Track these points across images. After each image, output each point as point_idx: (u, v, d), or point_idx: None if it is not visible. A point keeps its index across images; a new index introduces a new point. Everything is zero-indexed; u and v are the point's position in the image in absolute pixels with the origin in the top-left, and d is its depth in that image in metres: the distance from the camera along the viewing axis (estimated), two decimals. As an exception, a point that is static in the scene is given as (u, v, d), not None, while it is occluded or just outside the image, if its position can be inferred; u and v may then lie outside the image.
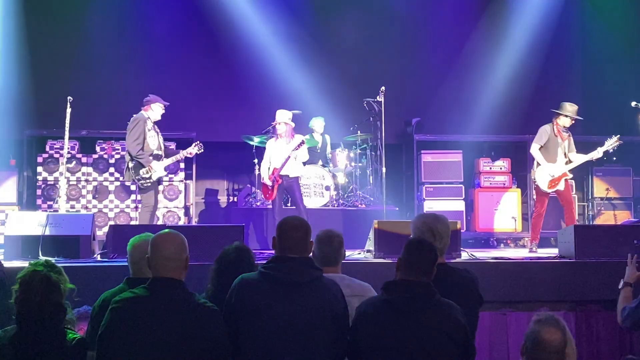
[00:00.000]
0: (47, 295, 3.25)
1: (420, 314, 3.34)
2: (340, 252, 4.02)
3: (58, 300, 3.28)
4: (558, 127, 8.10)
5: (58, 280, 3.31)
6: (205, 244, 5.55)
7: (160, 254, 3.34)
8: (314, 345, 3.33)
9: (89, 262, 6.21)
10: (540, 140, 8.15)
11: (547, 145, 8.13)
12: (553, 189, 8.09)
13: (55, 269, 3.36)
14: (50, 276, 3.29)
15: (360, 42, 10.89)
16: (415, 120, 10.94)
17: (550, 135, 8.12)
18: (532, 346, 3.25)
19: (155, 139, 8.00)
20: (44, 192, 9.62)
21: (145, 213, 7.87)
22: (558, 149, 8.13)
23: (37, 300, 3.22)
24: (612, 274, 5.93)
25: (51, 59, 10.06)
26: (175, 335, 3.20)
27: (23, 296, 3.26)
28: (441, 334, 3.33)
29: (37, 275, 3.28)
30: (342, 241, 4.06)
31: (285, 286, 3.36)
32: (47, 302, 3.24)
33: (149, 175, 7.77)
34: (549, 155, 8.12)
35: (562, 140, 8.13)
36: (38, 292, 3.24)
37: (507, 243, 10.21)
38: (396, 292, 3.39)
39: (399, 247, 3.62)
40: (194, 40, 10.67)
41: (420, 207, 10.11)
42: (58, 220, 6.50)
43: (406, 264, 3.43)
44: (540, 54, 10.89)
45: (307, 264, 3.45)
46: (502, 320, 5.97)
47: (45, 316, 3.24)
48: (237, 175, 11.18)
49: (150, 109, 7.95)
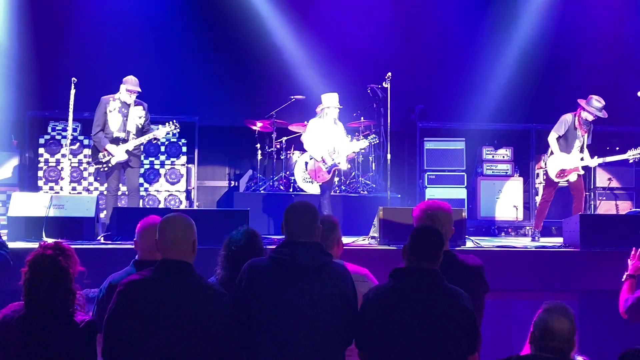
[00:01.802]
0: (56, 279, 3.21)
1: (428, 300, 3.35)
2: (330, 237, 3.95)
3: (67, 284, 3.24)
4: (580, 120, 7.86)
5: (67, 265, 3.27)
6: (210, 228, 5.51)
7: (169, 237, 3.34)
8: (324, 329, 3.33)
9: (93, 244, 6.20)
10: (559, 129, 7.94)
11: (565, 136, 7.94)
12: (562, 179, 8.02)
13: (65, 252, 3.31)
14: (60, 260, 3.24)
15: (365, 27, 10.82)
16: (418, 107, 10.90)
17: (570, 126, 7.91)
18: (540, 334, 3.25)
19: (119, 121, 7.76)
20: (46, 174, 9.60)
21: (109, 198, 7.79)
22: (576, 141, 7.94)
23: (46, 284, 3.18)
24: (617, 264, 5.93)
25: (54, 40, 9.99)
26: (183, 317, 3.21)
27: (32, 279, 3.22)
28: (449, 320, 3.34)
29: (47, 258, 3.23)
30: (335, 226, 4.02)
31: (295, 270, 3.36)
32: (56, 286, 3.20)
33: (107, 160, 7.64)
34: (565, 146, 7.96)
35: (581, 134, 7.92)
36: (47, 276, 3.20)
37: (509, 231, 10.21)
38: (403, 279, 3.41)
39: (403, 234, 3.64)
40: (197, 24, 10.60)
41: (422, 195, 10.10)
42: (62, 201, 6.48)
43: (412, 250, 3.45)
44: (546, 43, 10.83)
45: (317, 248, 3.44)
46: (506, 309, 5.98)
47: (54, 300, 3.21)
48: (239, 159, 11.16)
49: (120, 89, 7.81)
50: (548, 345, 3.23)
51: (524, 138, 10.48)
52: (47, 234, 6.18)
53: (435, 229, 3.54)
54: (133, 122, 7.84)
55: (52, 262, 3.23)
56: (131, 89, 7.76)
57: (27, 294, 3.23)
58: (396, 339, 3.34)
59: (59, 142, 9.66)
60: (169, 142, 9.95)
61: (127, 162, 7.82)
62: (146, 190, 9.86)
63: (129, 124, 7.80)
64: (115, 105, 7.75)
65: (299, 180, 9.48)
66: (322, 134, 8.35)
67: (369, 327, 3.41)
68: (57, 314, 3.21)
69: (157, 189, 9.90)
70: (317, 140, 8.34)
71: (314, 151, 8.34)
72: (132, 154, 7.84)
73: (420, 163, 10.41)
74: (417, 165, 10.49)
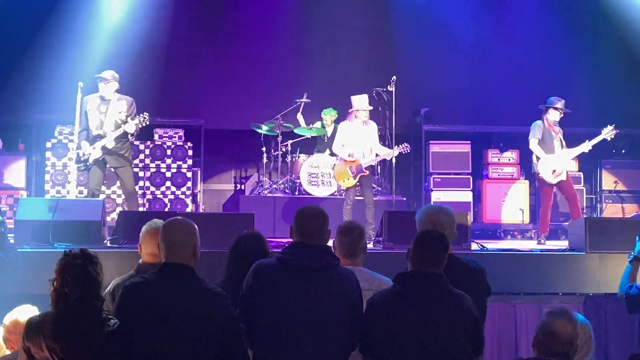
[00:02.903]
0: (87, 289, 3.16)
1: (432, 304, 3.35)
2: (360, 244, 3.98)
3: (97, 292, 3.20)
4: (549, 122, 8.27)
5: (97, 274, 3.22)
6: (215, 232, 5.55)
7: (171, 240, 3.36)
8: (329, 331, 3.35)
9: (100, 248, 6.21)
10: (536, 134, 8.27)
11: (543, 139, 8.26)
12: (557, 179, 8.15)
13: (92, 259, 3.25)
14: (90, 270, 3.19)
15: (371, 31, 10.83)
16: (423, 110, 10.91)
17: (543, 129, 8.26)
18: (543, 338, 3.27)
19: (97, 119, 7.47)
20: (53, 178, 9.64)
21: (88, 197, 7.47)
22: (554, 141, 8.26)
23: (76, 294, 3.13)
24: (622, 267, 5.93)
25: (62, 44, 10.02)
26: (185, 320, 3.22)
27: (61, 289, 3.16)
28: (453, 324, 3.34)
29: (77, 268, 3.17)
30: (363, 233, 4.04)
31: (302, 272, 3.38)
32: (86, 296, 3.15)
33: (85, 158, 7.39)
34: (547, 148, 8.24)
35: (555, 134, 8.27)
36: (77, 287, 3.14)
37: (514, 235, 10.19)
38: (407, 283, 3.40)
39: (408, 237, 3.62)
40: (203, 28, 10.64)
41: (428, 198, 10.10)
42: (68, 205, 6.49)
43: (416, 254, 3.44)
44: (551, 45, 10.82)
45: (325, 251, 3.46)
46: (510, 312, 5.97)
47: (85, 309, 3.15)
48: (244, 163, 11.19)
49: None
50: (551, 348, 3.25)
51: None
52: (53, 238, 6.20)
53: (439, 233, 3.55)
54: (112, 117, 7.49)
55: (82, 272, 3.18)
56: (101, 77, 7.48)
57: (57, 304, 3.17)
58: (400, 343, 3.34)
59: (66, 145, 9.68)
60: (175, 146, 9.99)
61: (104, 161, 7.50)
62: (152, 193, 9.90)
63: (106, 120, 7.46)
64: (93, 103, 7.50)
65: (305, 183, 9.50)
66: (351, 136, 8.35)
67: (373, 331, 3.41)
68: (88, 320, 3.16)
69: (163, 192, 9.93)
70: (347, 144, 8.34)
71: (342, 152, 8.36)
72: (110, 152, 7.49)
73: (425, 166, 10.40)
74: (422, 168, 10.49)
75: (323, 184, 9.56)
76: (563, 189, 8.30)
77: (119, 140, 7.50)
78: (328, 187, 9.54)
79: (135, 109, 7.62)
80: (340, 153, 8.40)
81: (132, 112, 7.57)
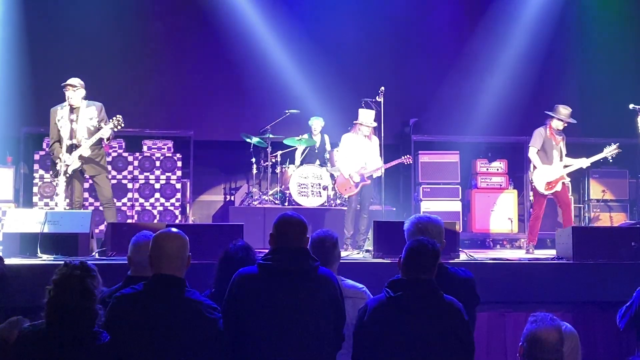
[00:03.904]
0: (83, 301, 3.16)
1: (424, 311, 3.38)
2: (334, 253, 4.05)
3: (92, 305, 3.20)
4: (552, 130, 8.19)
5: (94, 287, 3.23)
6: (205, 243, 5.53)
7: (162, 252, 3.38)
8: (315, 332, 3.38)
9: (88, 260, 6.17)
10: (536, 143, 8.22)
11: (543, 148, 8.21)
12: (550, 191, 8.14)
13: (91, 272, 3.26)
14: (87, 282, 3.20)
15: (359, 42, 10.89)
16: (412, 120, 10.97)
17: (545, 137, 8.19)
18: (529, 346, 3.29)
19: (67, 128, 7.32)
20: (41, 190, 9.60)
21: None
22: (554, 151, 8.20)
23: (72, 305, 3.13)
24: (609, 276, 5.97)
25: (49, 56, 10.02)
26: (175, 331, 3.24)
27: (57, 300, 3.16)
28: (445, 330, 3.37)
29: (74, 280, 3.18)
30: (336, 243, 4.12)
31: (282, 275, 3.43)
32: (82, 308, 3.15)
33: (64, 169, 7.19)
34: (545, 158, 8.20)
35: (556, 143, 8.21)
36: (73, 297, 3.14)
37: (504, 244, 10.24)
38: (399, 290, 3.42)
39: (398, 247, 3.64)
40: (192, 39, 10.67)
41: (417, 208, 10.14)
42: (56, 217, 6.45)
43: (407, 262, 3.47)
44: (539, 56, 10.91)
45: (304, 253, 3.51)
46: (500, 321, 5.97)
47: (79, 321, 3.15)
48: (234, 174, 11.18)
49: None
50: (537, 356, 3.26)
51: (518, 150, 10.51)
52: (42, 250, 6.17)
53: (431, 241, 3.57)
54: (83, 125, 7.36)
55: (80, 284, 3.18)
56: (69, 84, 7.33)
57: (50, 314, 3.17)
58: (393, 349, 3.36)
59: (54, 158, 9.65)
60: (164, 157, 9.98)
61: (81, 171, 7.39)
62: (141, 205, 9.87)
63: (78, 129, 7.33)
64: (62, 114, 7.37)
65: (294, 194, 9.51)
66: (353, 149, 8.49)
67: (366, 338, 3.44)
68: (80, 334, 3.16)
69: (152, 203, 9.91)
70: (348, 156, 8.50)
71: (343, 167, 8.51)
72: (87, 160, 7.37)
73: (415, 176, 10.45)
74: (411, 178, 10.54)
75: (313, 195, 9.57)
76: (557, 198, 8.28)
77: (94, 147, 7.38)
78: (317, 197, 9.56)
79: (105, 113, 7.50)
80: (342, 167, 8.54)
81: (103, 116, 7.46)
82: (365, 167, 8.44)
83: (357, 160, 8.49)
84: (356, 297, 4.01)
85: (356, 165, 8.47)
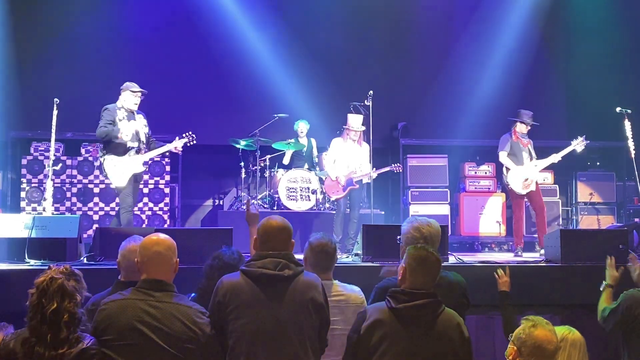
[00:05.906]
0: (63, 304, 3.15)
1: (427, 324, 3.34)
2: (334, 259, 4.04)
3: (73, 309, 3.18)
4: (517, 134, 8.47)
5: (75, 290, 3.22)
6: (193, 247, 5.53)
7: (150, 257, 3.38)
8: (299, 337, 3.37)
9: (76, 265, 6.15)
10: (504, 147, 8.48)
11: (512, 152, 8.46)
12: (527, 190, 8.31)
13: (74, 276, 3.26)
14: (66, 286, 3.18)
15: (347, 45, 10.91)
16: (401, 124, 11.00)
17: (511, 141, 8.46)
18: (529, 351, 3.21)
19: (131, 130, 7.43)
20: (28, 195, 9.55)
21: (125, 214, 7.33)
22: (523, 153, 8.45)
23: (51, 308, 3.12)
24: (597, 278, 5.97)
25: (37, 60, 9.98)
26: (164, 336, 3.23)
27: (38, 302, 3.15)
28: (447, 345, 3.33)
29: (55, 282, 3.17)
30: (336, 248, 4.11)
31: (267, 280, 3.41)
32: (63, 312, 3.14)
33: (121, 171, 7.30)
34: (517, 160, 8.43)
35: (523, 146, 8.47)
36: (54, 300, 3.13)
37: (492, 247, 10.27)
38: (403, 301, 3.36)
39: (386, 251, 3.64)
40: (180, 44, 10.64)
41: (406, 211, 10.16)
42: (44, 222, 6.43)
43: (412, 273, 3.40)
44: (526, 59, 10.97)
45: (289, 259, 3.49)
46: (489, 324, 5.99)
47: (60, 325, 3.13)
48: (223, 178, 11.16)
49: (120, 97, 7.52)
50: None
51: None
52: (29, 255, 6.14)
53: (436, 257, 3.49)
54: (142, 131, 7.56)
55: (60, 287, 3.17)
56: (136, 90, 7.50)
57: (32, 317, 3.16)
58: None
59: (42, 162, 9.62)
60: (152, 162, 9.94)
61: (135, 177, 7.50)
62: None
63: (140, 133, 7.51)
64: (122, 114, 7.43)
65: (283, 198, 9.50)
66: (341, 153, 8.56)
67: (366, 348, 3.36)
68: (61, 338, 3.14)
69: (141, 208, 9.88)
70: (336, 160, 8.57)
71: (330, 170, 8.57)
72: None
73: (403, 180, 10.48)
74: (400, 182, 10.56)
75: (302, 199, 9.57)
76: (532, 200, 8.46)
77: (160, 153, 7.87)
78: (307, 201, 9.56)
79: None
80: (329, 170, 8.59)
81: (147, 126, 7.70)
82: (355, 172, 8.46)
83: (344, 164, 8.51)
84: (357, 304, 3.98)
85: (344, 169, 8.49)
